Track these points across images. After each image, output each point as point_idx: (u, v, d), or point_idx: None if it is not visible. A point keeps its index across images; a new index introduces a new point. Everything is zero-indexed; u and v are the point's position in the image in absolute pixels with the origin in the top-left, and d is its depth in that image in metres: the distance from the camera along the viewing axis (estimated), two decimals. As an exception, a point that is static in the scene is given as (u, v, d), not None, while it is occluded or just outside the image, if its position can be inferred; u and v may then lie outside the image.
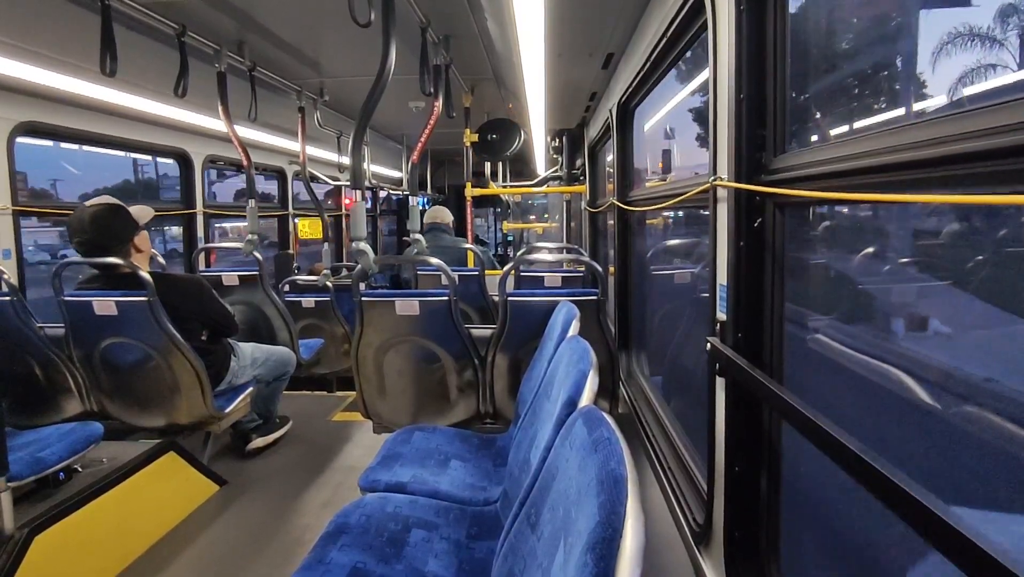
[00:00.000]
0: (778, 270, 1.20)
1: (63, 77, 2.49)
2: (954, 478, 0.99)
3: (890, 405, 1.15)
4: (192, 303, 2.42)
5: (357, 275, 2.34)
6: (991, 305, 1.02)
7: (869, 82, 1.36)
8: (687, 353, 2.47)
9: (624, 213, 3.06)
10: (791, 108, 1.19)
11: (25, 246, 2.79)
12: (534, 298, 2.34)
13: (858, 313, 1.42)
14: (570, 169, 5.82)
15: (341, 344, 3.98)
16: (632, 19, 2.34)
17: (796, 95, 1.25)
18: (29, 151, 2.91)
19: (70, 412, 2.53)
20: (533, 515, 1.04)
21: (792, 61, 1.17)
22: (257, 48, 3.02)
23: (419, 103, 4.41)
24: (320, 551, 1.43)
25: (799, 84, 1.28)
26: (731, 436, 1.27)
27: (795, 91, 1.23)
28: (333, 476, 2.71)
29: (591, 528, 0.70)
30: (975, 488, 0.94)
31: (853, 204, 1.23)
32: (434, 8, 2.53)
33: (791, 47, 1.17)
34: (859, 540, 1.34)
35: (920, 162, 0.74)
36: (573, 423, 0.98)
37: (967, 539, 0.59)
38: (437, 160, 8.10)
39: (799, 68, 1.24)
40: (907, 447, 1.11)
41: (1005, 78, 1.05)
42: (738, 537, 1.27)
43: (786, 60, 1.16)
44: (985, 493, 0.90)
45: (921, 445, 1.10)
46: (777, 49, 1.16)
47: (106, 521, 2.02)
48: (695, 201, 1.58)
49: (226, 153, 4.14)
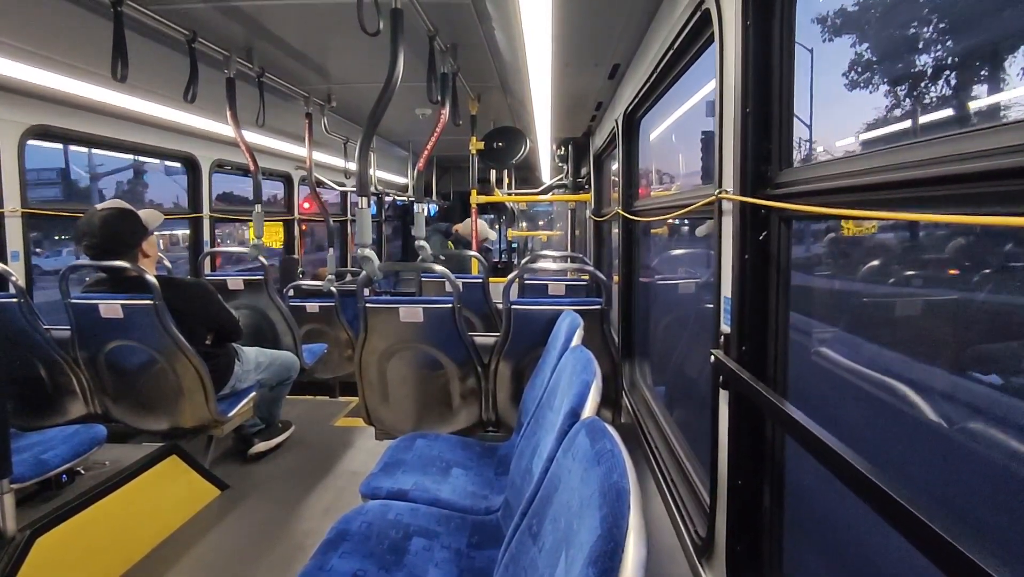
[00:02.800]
0: (783, 284, 1.20)
1: (74, 82, 2.52)
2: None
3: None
4: (197, 307, 2.43)
5: (361, 281, 2.35)
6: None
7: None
8: (691, 364, 2.47)
9: (629, 222, 3.06)
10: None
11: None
12: (538, 307, 2.34)
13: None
14: (575, 177, 5.84)
15: (345, 349, 3.99)
16: (639, 31, 2.36)
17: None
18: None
19: (74, 414, 2.53)
20: (535, 526, 1.04)
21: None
22: (266, 55, 3.05)
23: (426, 110, 4.43)
24: (321, 558, 1.42)
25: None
26: (734, 449, 1.27)
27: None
28: (335, 482, 2.71)
29: (593, 541, 0.70)
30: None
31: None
32: (442, 17, 2.55)
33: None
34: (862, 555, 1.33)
35: (924, 180, 0.74)
36: (576, 434, 0.98)
37: (970, 560, 0.58)
38: (443, 167, 8.13)
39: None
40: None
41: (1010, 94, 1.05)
42: (740, 550, 1.27)
43: (792, 75, 1.16)
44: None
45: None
46: (783, 64, 1.17)
47: (108, 524, 2.02)
48: (700, 213, 1.59)
49: (233, 158, 4.17)
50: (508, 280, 2.40)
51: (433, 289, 3.94)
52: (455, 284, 2.32)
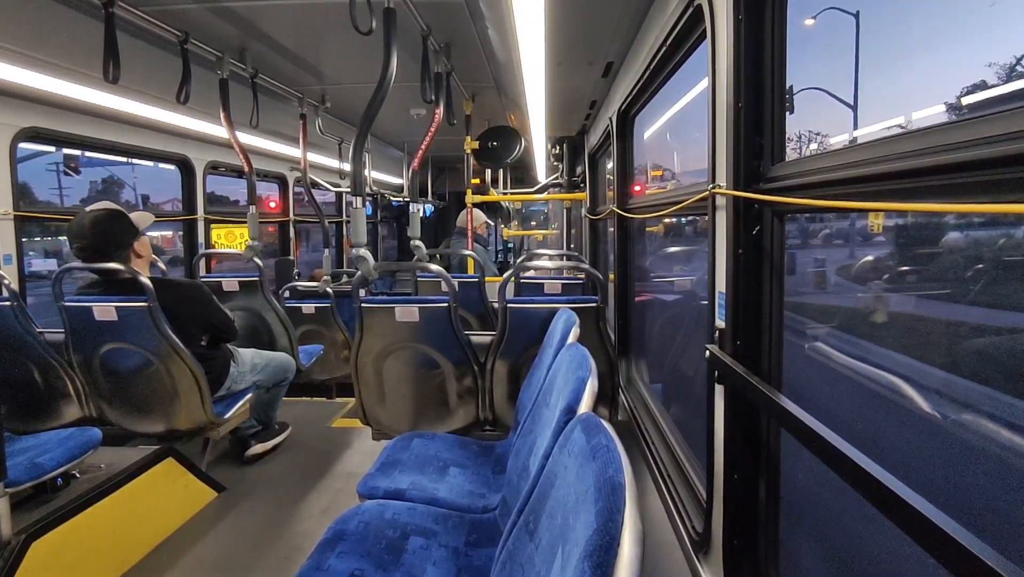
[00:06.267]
0: (776, 278, 1.20)
1: (66, 83, 2.51)
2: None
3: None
4: (192, 309, 2.42)
5: (357, 281, 2.34)
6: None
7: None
8: (688, 359, 2.47)
9: (624, 220, 3.07)
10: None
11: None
12: (534, 305, 2.34)
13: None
14: (570, 176, 5.84)
15: (341, 350, 3.98)
16: (631, 28, 2.36)
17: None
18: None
19: (69, 417, 2.52)
20: (531, 522, 1.04)
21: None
22: (259, 55, 3.04)
23: (420, 110, 4.43)
24: (318, 558, 1.42)
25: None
26: (730, 443, 1.27)
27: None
28: (332, 483, 2.70)
29: (588, 536, 0.70)
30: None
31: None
32: (435, 16, 2.55)
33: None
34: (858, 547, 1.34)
35: (915, 171, 0.74)
36: (571, 430, 0.98)
37: (965, 548, 0.59)
38: (438, 167, 8.12)
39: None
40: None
41: (1000, 88, 1.05)
42: (737, 545, 1.27)
43: (784, 70, 1.17)
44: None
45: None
46: (775, 59, 1.18)
47: (104, 527, 2.01)
48: (694, 209, 1.59)
49: (227, 159, 4.16)
50: (504, 279, 2.40)
51: (430, 289, 3.93)
52: (451, 283, 2.32)
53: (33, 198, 6.18)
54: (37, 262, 7.61)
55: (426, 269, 2.64)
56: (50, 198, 8.10)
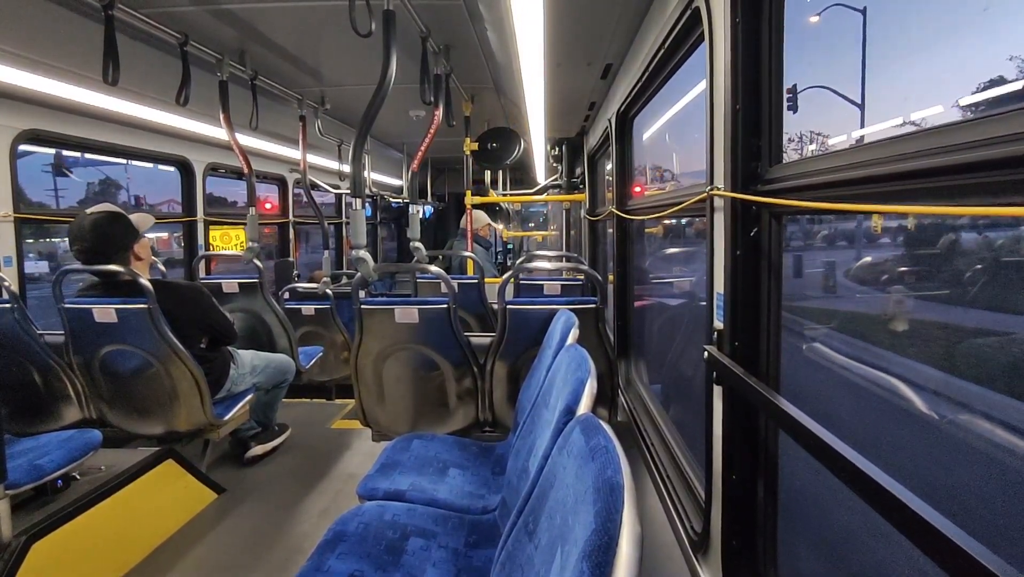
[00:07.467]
0: (774, 279, 1.20)
1: (66, 86, 2.51)
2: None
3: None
4: (192, 311, 2.43)
5: (357, 283, 2.35)
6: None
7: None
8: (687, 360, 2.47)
9: (623, 221, 3.07)
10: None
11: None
12: (533, 306, 2.35)
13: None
14: (570, 178, 5.84)
15: (341, 352, 3.98)
16: (630, 30, 2.36)
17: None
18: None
19: (69, 419, 2.52)
20: (531, 523, 1.04)
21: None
22: (259, 57, 3.04)
23: (419, 112, 4.43)
24: (318, 559, 1.42)
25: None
26: (729, 444, 1.27)
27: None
28: (332, 484, 2.70)
29: (587, 536, 0.70)
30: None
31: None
32: (434, 18, 2.55)
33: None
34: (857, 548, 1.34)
35: (912, 173, 0.75)
36: (571, 431, 0.99)
37: (962, 550, 0.59)
38: (437, 168, 8.13)
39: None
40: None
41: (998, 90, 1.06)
42: (736, 545, 1.27)
43: (781, 72, 1.17)
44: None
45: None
46: (772, 61, 1.18)
47: (104, 529, 2.02)
48: (692, 210, 1.59)
49: (227, 161, 4.16)
50: (503, 280, 2.40)
51: (430, 290, 3.93)
52: (451, 285, 2.33)
53: (27, 200, 6.16)
54: (29, 264, 7.61)
55: (425, 270, 2.65)
56: (44, 200, 8.09)
